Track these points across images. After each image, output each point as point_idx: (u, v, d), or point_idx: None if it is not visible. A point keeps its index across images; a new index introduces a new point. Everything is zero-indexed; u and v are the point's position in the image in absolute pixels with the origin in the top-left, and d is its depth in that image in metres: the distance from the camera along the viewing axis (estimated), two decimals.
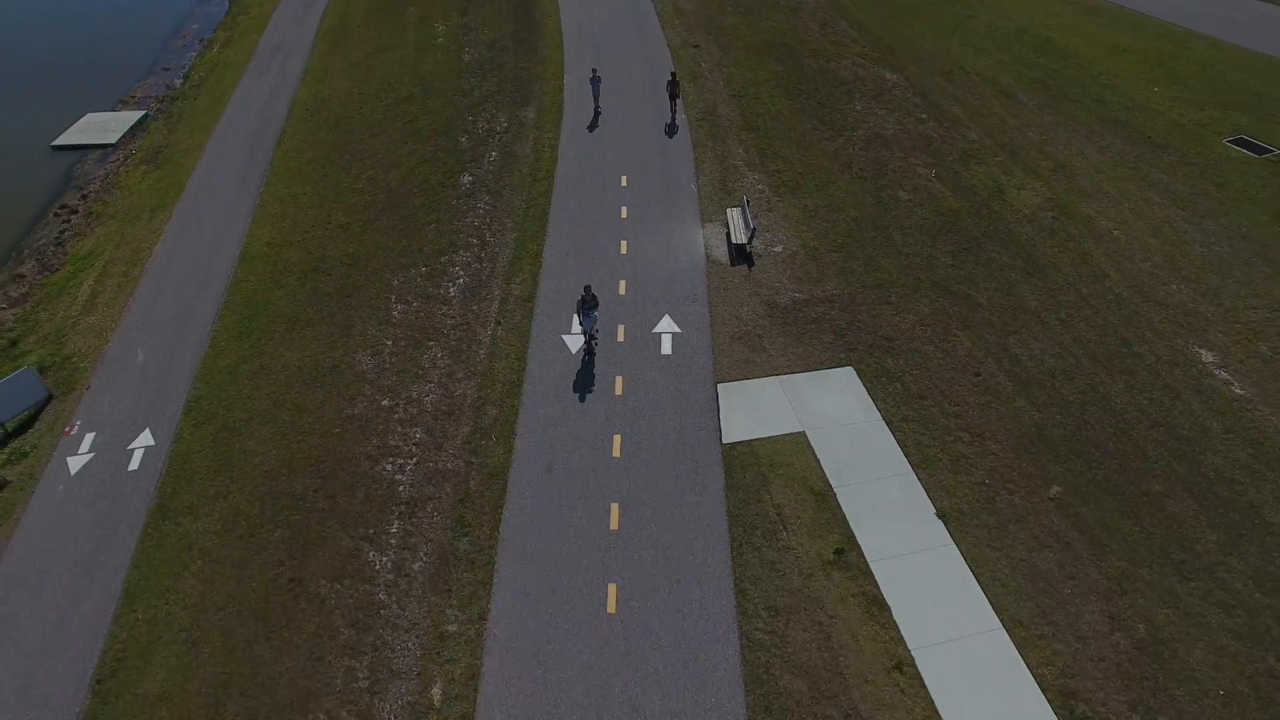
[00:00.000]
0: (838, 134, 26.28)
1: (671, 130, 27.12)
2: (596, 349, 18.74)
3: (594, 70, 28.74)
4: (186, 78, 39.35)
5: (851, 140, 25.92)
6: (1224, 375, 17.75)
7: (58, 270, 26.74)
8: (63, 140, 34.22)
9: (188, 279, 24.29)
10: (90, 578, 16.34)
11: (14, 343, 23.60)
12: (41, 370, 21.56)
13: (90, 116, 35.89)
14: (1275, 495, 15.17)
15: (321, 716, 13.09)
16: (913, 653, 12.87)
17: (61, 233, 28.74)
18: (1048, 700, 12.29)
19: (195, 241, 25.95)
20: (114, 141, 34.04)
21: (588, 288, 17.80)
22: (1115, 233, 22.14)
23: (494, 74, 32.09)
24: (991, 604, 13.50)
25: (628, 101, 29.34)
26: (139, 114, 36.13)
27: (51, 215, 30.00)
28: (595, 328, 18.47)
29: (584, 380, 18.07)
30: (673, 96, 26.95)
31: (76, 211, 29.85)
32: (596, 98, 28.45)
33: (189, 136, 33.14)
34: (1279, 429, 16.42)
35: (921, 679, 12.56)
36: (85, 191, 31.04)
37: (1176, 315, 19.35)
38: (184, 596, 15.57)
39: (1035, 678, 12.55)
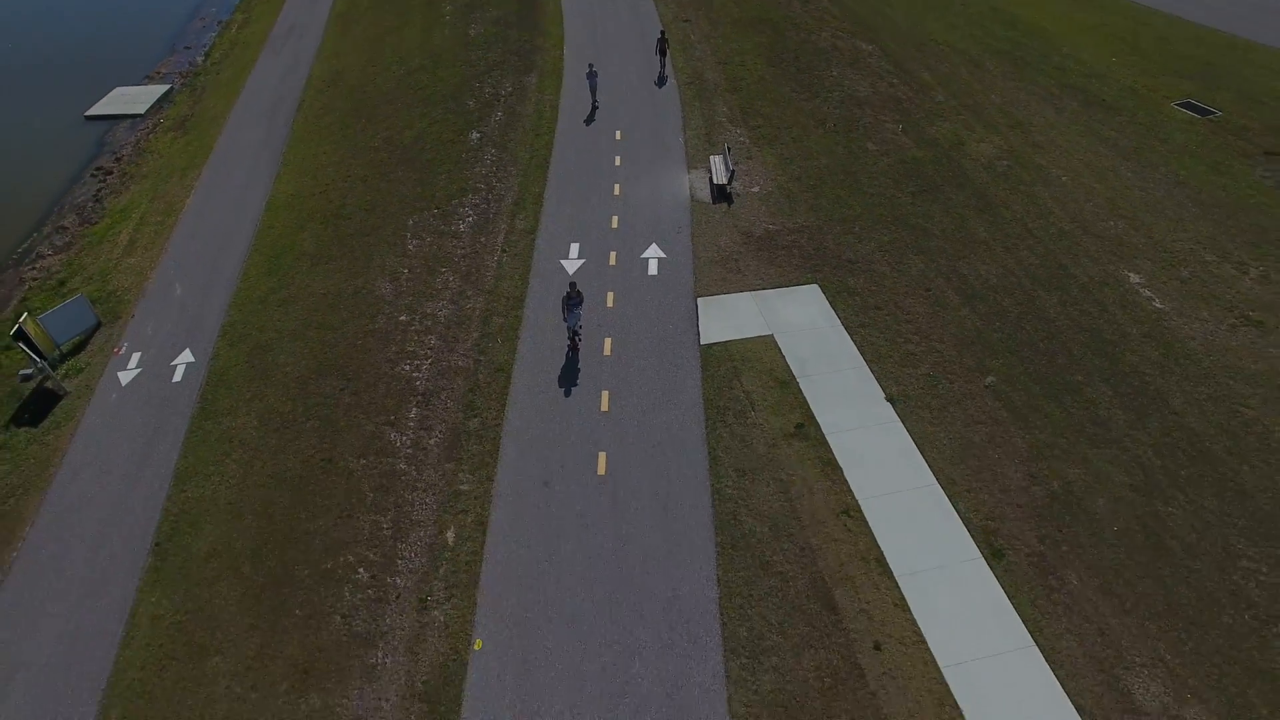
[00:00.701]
0: (814, 95, 28.55)
1: (661, 82, 29.64)
2: (581, 345, 18.78)
3: (590, 65, 28.86)
4: (207, 55, 41.67)
5: (827, 101, 28.19)
6: (1147, 293, 19.99)
7: (97, 223, 29.01)
8: (94, 111, 36.52)
9: (219, 226, 26.55)
10: (145, 465, 18.58)
11: (62, 283, 25.85)
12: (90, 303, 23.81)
13: (119, 90, 38.19)
14: (1179, 385, 17.39)
15: (351, 559, 15.35)
16: (859, 501, 15.10)
17: (98, 191, 31.02)
18: (971, 536, 14.52)
19: (224, 195, 28.22)
20: (142, 112, 36.33)
21: (573, 284, 17.90)
22: (1063, 178, 24.38)
23: (499, 46, 34.38)
24: (929, 466, 15.73)
25: (622, 68, 31.61)
26: (164, 88, 38.44)
27: (88, 176, 32.28)
28: (579, 324, 18.60)
29: (582, 282, 20.31)
30: (662, 53, 29.61)
31: (111, 172, 32.13)
32: (594, 92, 28.70)
33: (213, 106, 35.42)
34: (1189, 335, 18.65)
35: (866, 521, 14.79)
36: (118, 155, 33.32)
37: (1111, 245, 21.59)
38: (227, 478, 17.80)
39: (962, 520, 14.78)
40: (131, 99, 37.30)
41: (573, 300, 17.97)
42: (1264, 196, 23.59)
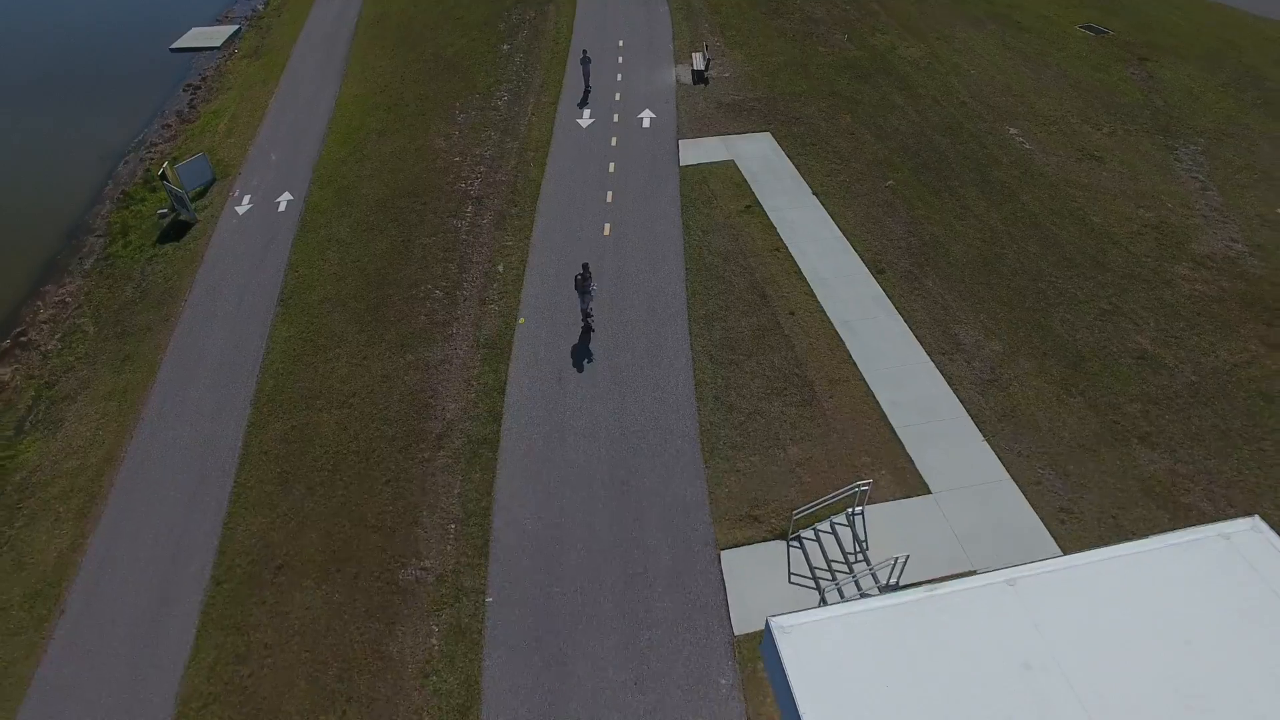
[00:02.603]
0: (780, 16, 35.13)
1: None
2: (594, 326, 19.50)
3: (584, 52, 30.33)
4: (267, 3, 48.38)
5: (789, 20, 34.77)
6: (1020, 139, 26.47)
7: (195, 121, 35.61)
8: (178, 45, 43.21)
9: (298, 118, 33.09)
10: (265, 257, 25.05)
11: (176, 160, 32.42)
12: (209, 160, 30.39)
13: (195, 29, 44.88)
14: (1030, 190, 23.86)
15: (429, 286, 21.85)
16: (786, 244, 21.57)
17: (192, 100, 37.65)
18: (863, 261, 20.98)
19: (299, 98, 34.78)
20: (218, 45, 43.00)
21: (585, 266, 18.67)
22: (972, 72, 30.89)
23: None
24: (838, 226, 22.20)
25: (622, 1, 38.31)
26: (234, 28, 45.12)
27: (181, 91, 38.92)
28: (591, 305, 19.21)
29: (592, 141, 26.86)
30: None
31: (200, 88, 38.77)
32: (587, 77, 30.01)
33: (279, 40, 42.06)
34: (1045, 164, 25.11)
35: (791, 254, 21.26)
36: (204, 76, 39.97)
37: (999, 111, 28.08)
38: (329, 263, 24.28)
39: (858, 254, 21.24)
40: (208, 36, 43.99)
41: (586, 281, 18.58)
42: (1128, 86, 30.05)
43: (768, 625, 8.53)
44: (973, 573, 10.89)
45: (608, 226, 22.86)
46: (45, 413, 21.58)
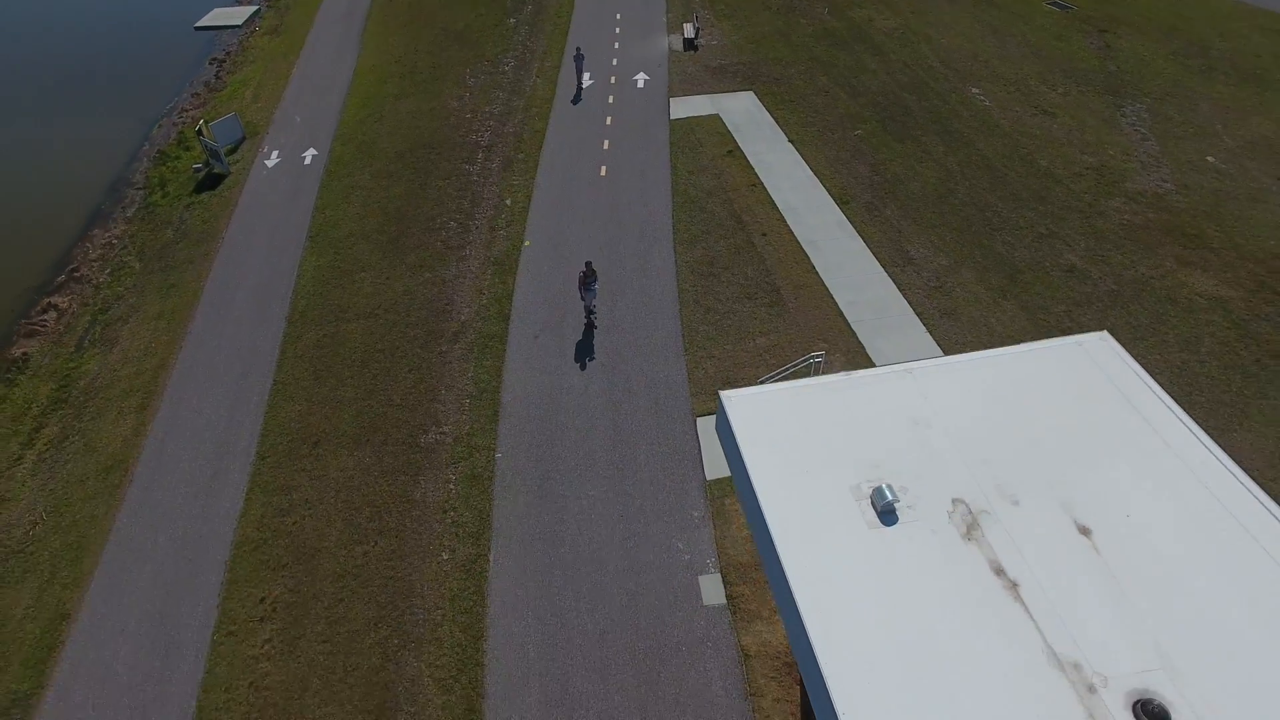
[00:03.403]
0: None
1: None
2: (597, 323, 19.82)
3: (578, 49, 30.96)
4: None
5: None
6: (981, 98, 29.04)
7: (222, 90, 38.27)
8: (202, 23, 45.92)
9: (319, 85, 35.73)
10: (294, 202, 27.65)
11: (209, 119, 35.05)
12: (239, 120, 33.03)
13: (217, 9, 47.59)
14: (986, 139, 26.42)
15: (444, 219, 24.44)
16: (763, 181, 24.16)
17: (218, 72, 40.32)
18: (829, 194, 23.55)
19: (320, 68, 37.43)
20: (240, 24, 45.68)
21: (589, 264, 18.98)
22: (942, 41, 33.48)
23: None
24: (809, 166, 24.78)
25: None
26: (254, 8, 47.80)
27: (207, 64, 41.61)
28: (594, 301, 19.57)
29: (591, 98, 29.45)
30: None
31: (225, 61, 41.44)
32: (579, 75, 30.46)
33: (298, 19, 44.72)
34: (1002, 118, 27.67)
35: (766, 189, 23.85)
36: (228, 50, 42.65)
37: (964, 75, 30.65)
38: (352, 204, 26.88)
39: (825, 189, 23.82)
40: (229, 15, 46.68)
41: (589, 279, 18.90)
42: (1085, 54, 32.60)
43: (719, 397, 11.06)
44: None
45: (604, 168, 25.47)
46: (101, 333, 24.20)
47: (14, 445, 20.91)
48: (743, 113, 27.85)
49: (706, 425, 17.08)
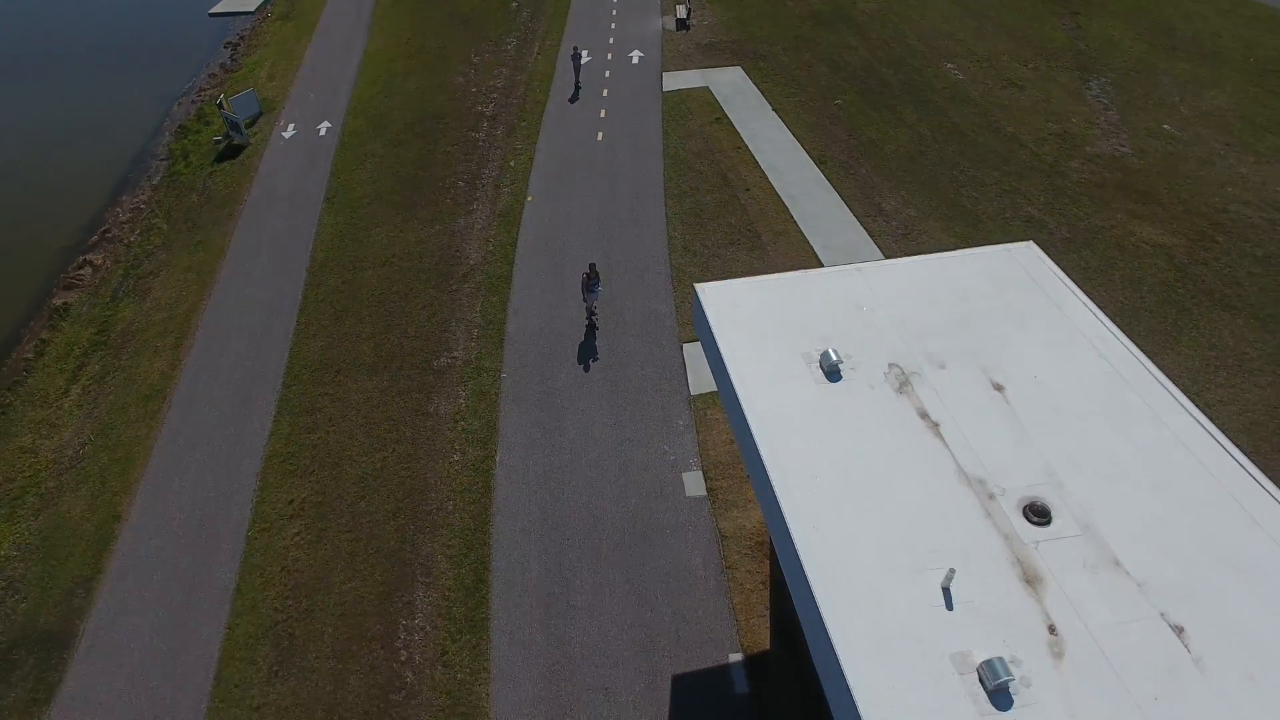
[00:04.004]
0: None
1: None
2: (599, 324, 20.04)
3: (575, 48, 31.40)
4: None
5: None
6: (955, 72, 30.94)
7: (238, 70, 40.20)
8: (216, 9, 47.88)
9: (332, 66, 37.65)
10: (311, 168, 29.55)
11: (229, 94, 36.97)
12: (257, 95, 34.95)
13: None
14: (957, 109, 28.32)
15: (453, 179, 26.34)
16: (748, 144, 26.07)
17: (233, 54, 42.27)
18: (809, 155, 25.45)
19: (331, 50, 39.35)
20: (253, 9, 47.63)
21: (592, 265, 19.15)
22: (921, 21, 35.39)
23: None
24: (791, 132, 26.68)
25: None
26: None
27: (222, 47, 43.57)
28: (596, 302, 19.80)
29: (589, 73, 31.36)
30: None
31: (239, 45, 43.39)
32: (577, 73, 30.89)
33: (308, 5, 46.59)
34: (973, 90, 29.57)
35: (751, 151, 25.77)
36: (242, 35, 44.60)
37: (940, 52, 32.56)
38: (366, 169, 28.78)
39: (805, 150, 25.71)
40: (243, 1, 48.63)
41: (592, 281, 19.07)
42: (1057, 34, 34.50)
43: (695, 290, 12.91)
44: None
45: (600, 134, 27.39)
46: (135, 285, 26.10)
47: (60, 381, 22.81)
48: (731, 85, 29.75)
49: (691, 349, 18.95)
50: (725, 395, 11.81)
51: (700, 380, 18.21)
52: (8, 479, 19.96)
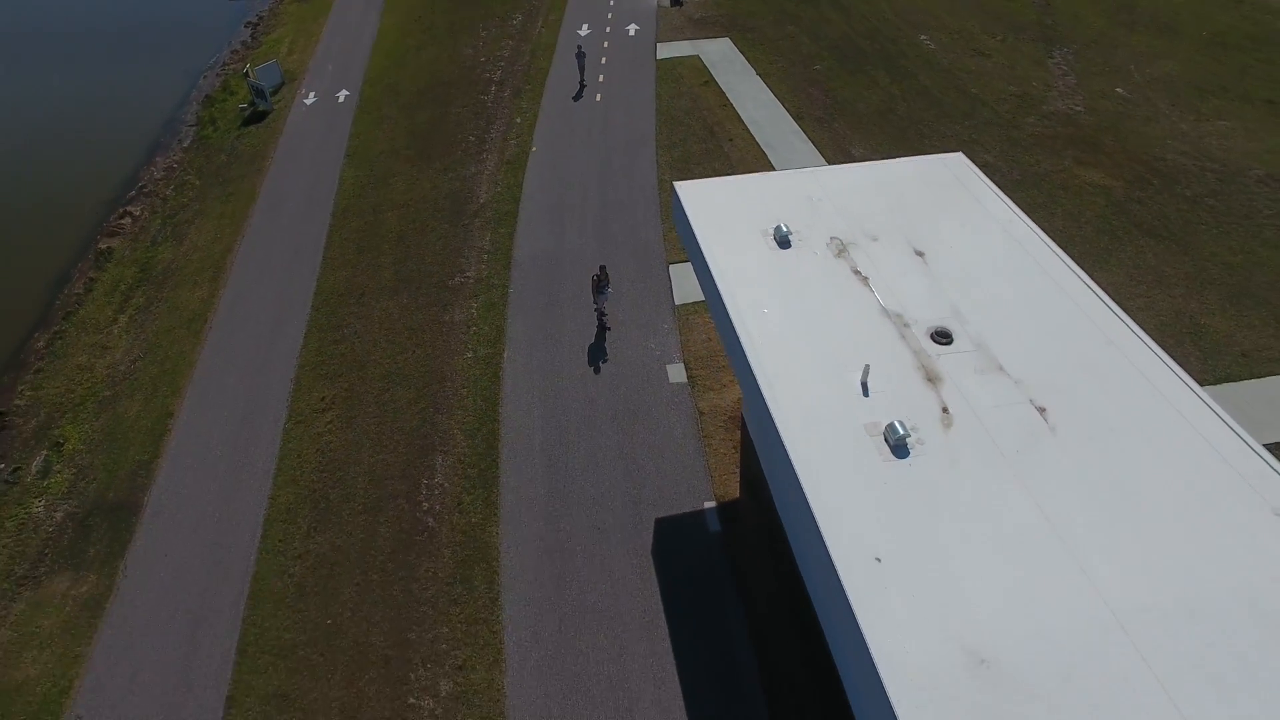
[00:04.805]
0: None
1: None
2: (609, 324, 20.24)
3: (579, 47, 31.83)
4: None
5: None
6: (928, 42, 33.42)
7: (259, 46, 42.76)
8: None
9: (347, 41, 40.19)
10: (331, 130, 32.06)
11: (247, 74, 39.52)
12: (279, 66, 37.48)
13: None
14: (928, 74, 30.79)
15: (465, 135, 28.83)
16: (732, 103, 28.53)
17: (254, 33, 44.84)
18: (785, 109, 27.91)
19: (346, 28, 41.89)
20: None
21: (602, 267, 19.48)
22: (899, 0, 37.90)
23: None
24: (773, 93, 29.16)
25: None
26: None
27: (242, 26, 46.15)
28: (605, 303, 19.88)
29: (589, 44, 33.87)
30: None
31: (258, 25, 45.95)
32: (581, 71, 31.29)
33: None
34: (943, 58, 32.04)
35: (735, 109, 28.22)
36: (260, 16, 47.19)
37: (915, 25, 35.05)
38: (383, 130, 31.27)
39: (786, 109, 28.18)
40: None
41: (602, 283, 19.38)
42: (1027, 10, 36.95)
43: (674, 187, 15.37)
44: None
45: (599, 96, 29.89)
46: (172, 231, 28.59)
47: (109, 311, 25.30)
48: (719, 54, 32.25)
49: (677, 269, 21.38)
50: (698, 266, 14.26)
51: (684, 293, 20.65)
52: (69, 390, 22.43)
